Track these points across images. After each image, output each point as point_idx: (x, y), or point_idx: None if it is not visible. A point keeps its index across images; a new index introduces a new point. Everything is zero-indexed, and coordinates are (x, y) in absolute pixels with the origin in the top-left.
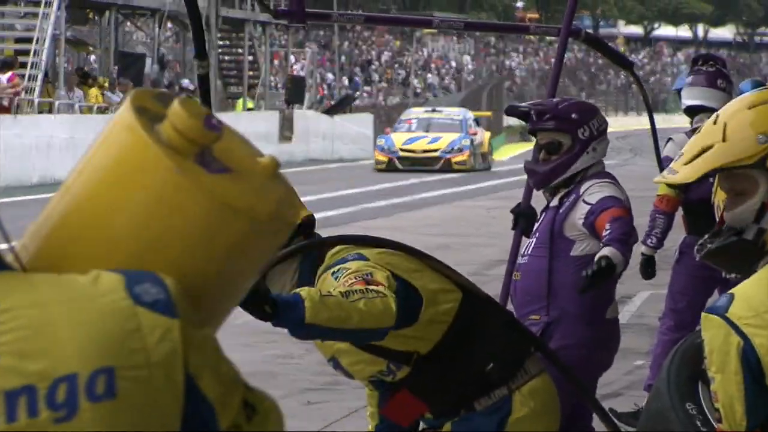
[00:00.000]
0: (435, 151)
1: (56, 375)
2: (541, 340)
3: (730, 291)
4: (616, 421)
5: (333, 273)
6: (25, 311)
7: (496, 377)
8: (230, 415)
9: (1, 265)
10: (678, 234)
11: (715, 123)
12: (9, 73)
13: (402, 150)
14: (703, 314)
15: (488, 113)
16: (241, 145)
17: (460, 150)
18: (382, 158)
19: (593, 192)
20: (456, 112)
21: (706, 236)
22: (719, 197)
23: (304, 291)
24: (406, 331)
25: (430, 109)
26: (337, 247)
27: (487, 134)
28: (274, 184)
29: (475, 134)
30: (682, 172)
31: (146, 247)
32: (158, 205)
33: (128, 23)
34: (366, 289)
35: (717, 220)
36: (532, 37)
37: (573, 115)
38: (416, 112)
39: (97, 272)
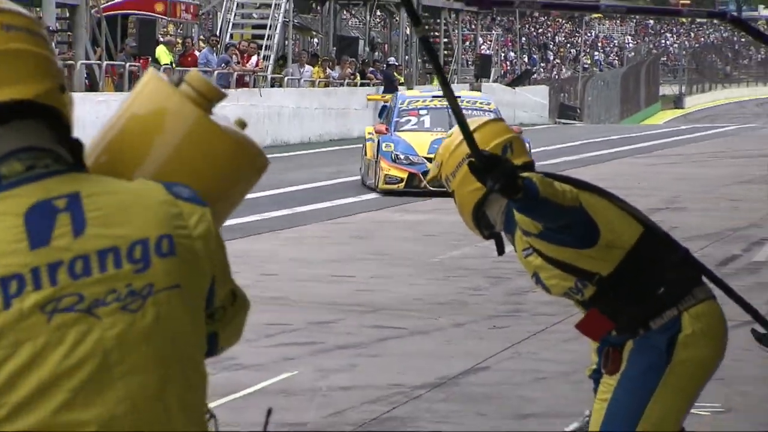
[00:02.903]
0: None
1: (133, 239)
2: (711, 271)
3: None
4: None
5: None
6: (103, 197)
7: (666, 300)
8: (221, 296)
9: (80, 167)
10: None
11: None
12: (255, 58)
13: (431, 161)
14: None
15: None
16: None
17: None
18: (398, 173)
19: None
20: (482, 98)
21: None
22: None
23: (526, 176)
24: (588, 251)
25: (438, 92)
26: None
27: None
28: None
29: (520, 132)
30: None
31: (171, 168)
32: (189, 142)
33: (344, 11)
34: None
35: None
36: (684, 19)
37: None
38: (422, 98)
39: (142, 179)
